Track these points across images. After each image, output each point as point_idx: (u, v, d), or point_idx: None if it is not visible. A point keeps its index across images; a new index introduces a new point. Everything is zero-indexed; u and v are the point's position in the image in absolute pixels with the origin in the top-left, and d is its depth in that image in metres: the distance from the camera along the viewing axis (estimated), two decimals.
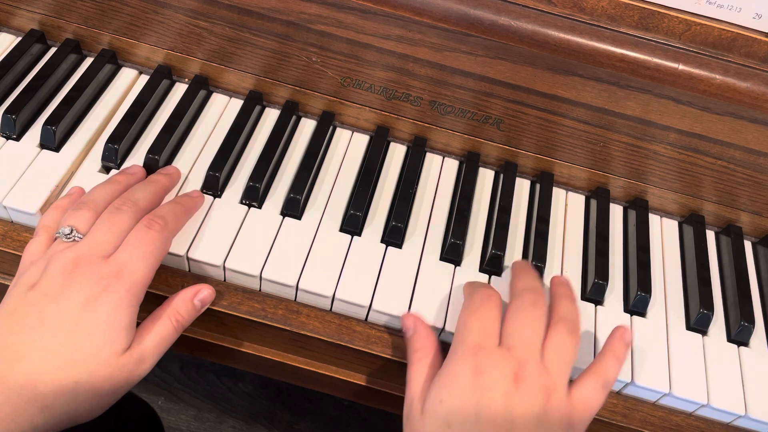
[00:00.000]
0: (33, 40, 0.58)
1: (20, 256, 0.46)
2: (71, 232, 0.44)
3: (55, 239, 0.44)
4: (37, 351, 0.39)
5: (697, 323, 0.52)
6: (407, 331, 0.47)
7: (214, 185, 0.52)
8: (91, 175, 0.52)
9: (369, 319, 0.49)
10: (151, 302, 0.49)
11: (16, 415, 0.37)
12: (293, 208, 0.52)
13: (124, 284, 0.41)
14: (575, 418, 0.41)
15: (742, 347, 0.52)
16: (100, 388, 0.40)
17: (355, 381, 0.54)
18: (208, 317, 0.50)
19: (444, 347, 0.47)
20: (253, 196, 0.52)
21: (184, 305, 0.45)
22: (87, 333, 0.39)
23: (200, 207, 0.51)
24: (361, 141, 0.59)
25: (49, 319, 0.39)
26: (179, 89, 0.60)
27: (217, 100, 0.60)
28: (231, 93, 0.60)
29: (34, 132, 0.54)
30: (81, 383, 0.39)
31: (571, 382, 0.43)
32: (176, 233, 0.48)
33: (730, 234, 0.58)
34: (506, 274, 0.52)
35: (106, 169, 0.53)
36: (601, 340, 0.50)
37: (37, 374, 0.38)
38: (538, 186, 0.58)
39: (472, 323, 0.43)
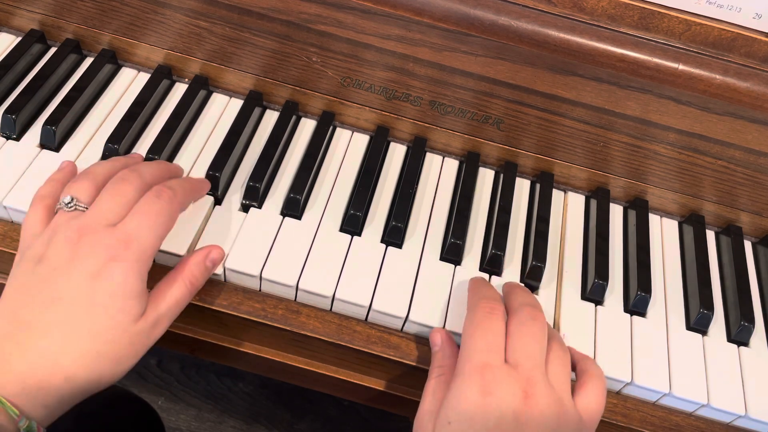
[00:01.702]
0: (33, 40, 0.58)
1: None
2: (71, 200, 0.43)
3: (57, 211, 0.44)
4: (56, 326, 0.39)
5: (697, 323, 0.52)
6: (433, 346, 0.47)
7: (214, 185, 0.52)
8: None
9: (369, 319, 0.49)
10: None
11: (42, 388, 0.38)
12: (293, 208, 0.52)
13: (132, 253, 0.41)
14: (586, 427, 0.41)
15: (742, 347, 0.52)
16: (121, 355, 0.40)
17: (355, 381, 0.54)
18: (208, 317, 0.50)
19: None
20: (253, 196, 0.52)
21: (197, 267, 0.45)
22: (102, 305, 0.40)
23: (206, 191, 0.51)
24: (361, 141, 0.59)
25: (62, 294, 0.40)
26: (179, 89, 0.60)
27: (217, 100, 0.60)
28: (231, 93, 0.60)
29: (34, 132, 0.54)
30: (102, 353, 0.39)
31: None
32: (184, 207, 0.48)
33: (730, 234, 0.58)
34: (506, 273, 0.52)
35: None
36: (601, 340, 0.50)
37: (59, 348, 0.39)
38: (538, 186, 0.58)
39: (477, 340, 0.42)
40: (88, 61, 0.60)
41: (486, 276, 0.52)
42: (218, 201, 0.52)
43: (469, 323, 0.44)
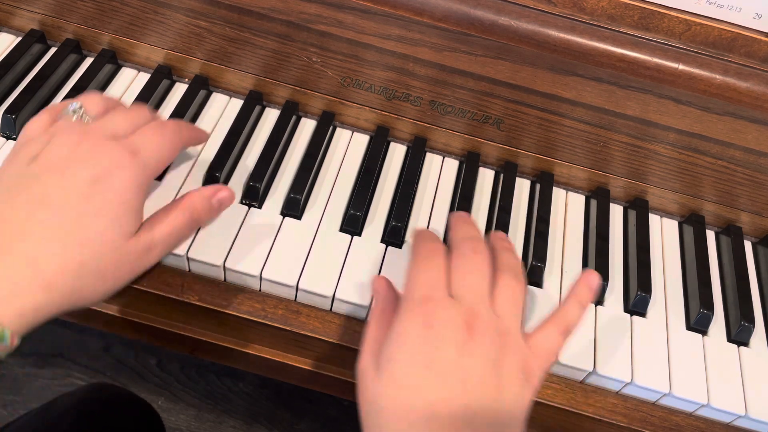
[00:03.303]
0: (33, 40, 0.58)
1: None
2: (80, 107, 0.42)
3: (60, 119, 0.42)
4: (41, 228, 0.36)
5: (697, 323, 0.52)
6: (375, 292, 0.45)
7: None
8: None
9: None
10: (151, 303, 0.50)
11: (18, 294, 0.35)
12: (293, 208, 0.52)
13: (137, 164, 0.39)
14: (532, 363, 0.40)
15: (742, 347, 0.52)
16: (104, 272, 0.38)
17: (355, 381, 0.53)
18: (208, 317, 0.50)
19: None
20: (253, 196, 0.52)
21: (202, 201, 0.43)
22: (94, 211, 0.37)
23: (206, 139, 0.50)
24: (361, 141, 0.59)
25: (53, 195, 0.37)
26: (179, 89, 0.60)
27: (217, 100, 0.60)
28: (231, 93, 0.60)
29: None
30: (85, 264, 0.37)
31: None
32: (186, 145, 0.47)
33: (730, 234, 0.58)
34: None
35: None
36: (602, 340, 0.50)
37: (40, 253, 0.36)
38: (538, 186, 0.58)
39: (419, 276, 0.41)
40: (88, 61, 0.60)
41: None
42: None
43: (411, 264, 0.43)
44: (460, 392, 0.36)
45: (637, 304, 0.52)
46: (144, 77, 0.60)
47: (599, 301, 0.52)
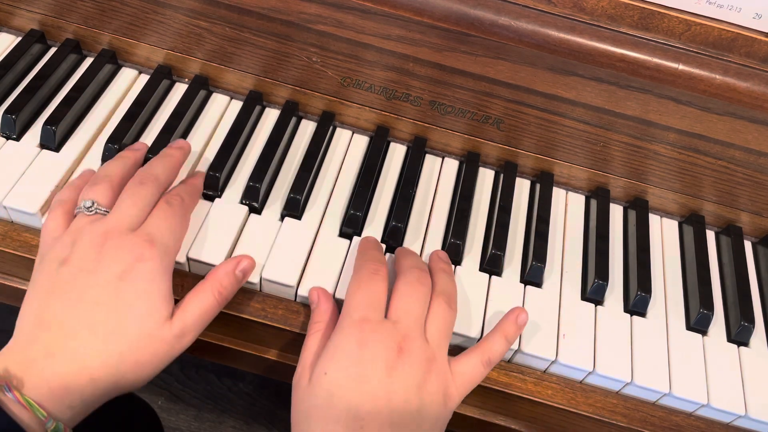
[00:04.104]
0: (33, 40, 0.58)
1: (21, 257, 0.46)
2: (92, 204, 0.44)
3: (76, 214, 0.45)
4: (82, 326, 0.39)
5: (697, 323, 0.52)
6: (311, 303, 0.47)
7: (214, 185, 0.52)
8: None
9: None
10: None
11: (68, 389, 0.38)
12: (293, 208, 0.52)
13: (157, 253, 0.42)
14: (452, 389, 0.43)
15: (742, 347, 0.52)
16: (142, 359, 0.40)
17: None
18: None
19: None
20: (254, 196, 0.52)
21: (227, 277, 0.45)
22: (128, 304, 0.40)
23: (202, 186, 0.52)
24: (361, 141, 0.59)
25: (89, 294, 0.40)
26: (179, 89, 0.60)
27: (217, 100, 0.60)
28: (231, 93, 0.60)
29: (34, 132, 0.54)
30: (125, 354, 0.40)
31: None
32: (192, 210, 0.49)
33: (730, 234, 0.58)
34: (506, 273, 0.53)
35: None
36: (601, 340, 0.50)
37: (85, 350, 0.39)
38: (538, 186, 0.58)
39: (359, 297, 0.44)
40: (88, 61, 0.60)
41: (486, 276, 0.52)
42: None
43: (353, 282, 0.45)
44: (385, 410, 0.39)
45: (637, 304, 0.52)
46: (144, 77, 0.60)
47: (599, 301, 0.52)
